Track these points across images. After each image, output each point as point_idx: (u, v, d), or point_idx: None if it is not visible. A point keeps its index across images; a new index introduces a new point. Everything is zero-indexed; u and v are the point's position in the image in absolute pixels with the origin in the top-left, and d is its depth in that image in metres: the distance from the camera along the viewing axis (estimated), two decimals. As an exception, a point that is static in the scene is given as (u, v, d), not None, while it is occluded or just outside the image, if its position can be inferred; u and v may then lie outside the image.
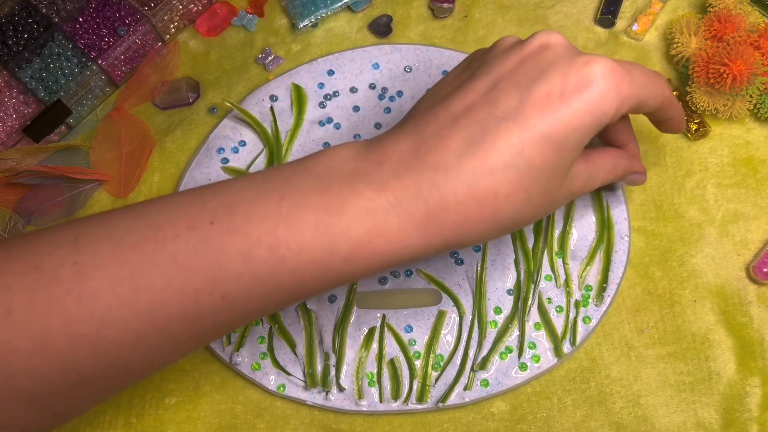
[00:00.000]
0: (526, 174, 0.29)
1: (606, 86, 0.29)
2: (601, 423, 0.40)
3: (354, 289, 0.43)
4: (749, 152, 0.44)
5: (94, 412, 0.42)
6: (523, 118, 0.29)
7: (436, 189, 0.29)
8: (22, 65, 0.48)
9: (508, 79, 0.30)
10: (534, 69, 0.30)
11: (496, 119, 0.29)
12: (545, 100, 0.29)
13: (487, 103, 0.30)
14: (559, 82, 0.29)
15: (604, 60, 0.29)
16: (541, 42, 0.31)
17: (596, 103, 0.29)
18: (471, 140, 0.29)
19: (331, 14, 0.49)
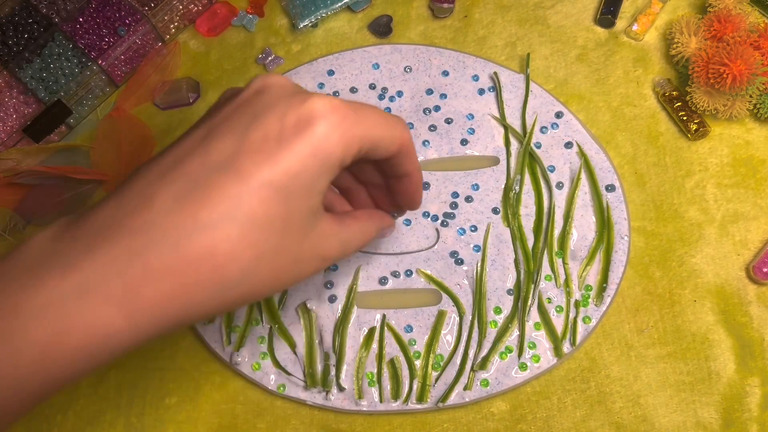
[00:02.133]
0: (249, 228, 0.25)
1: (328, 125, 0.26)
2: (601, 423, 0.40)
3: (354, 289, 0.43)
4: (749, 152, 0.44)
5: (95, 412, 0.42)
6: (239, 166, 0.25)
7: (137, 257, 0.24)
8: (22, 65, 0.48)
9: (221, 126, 0.27)
10: (250, 113, 0.27)
11: (209, 170, 0.25)
12: (262, 145, 0.26)
13: (200, 153, 0.26)
14: (276, 124, 0.26)
15: (324, 97, 0.27)
16: (257, 86, 0.28)
17: (319, 144, 0.26)
18: (179, 195, 0.25)
19: (331, 14, 0.49)
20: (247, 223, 0.25)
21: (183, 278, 0.25)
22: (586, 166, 0.44)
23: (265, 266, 0.27)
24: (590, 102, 0.46)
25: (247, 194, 0.25)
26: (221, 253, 0.25)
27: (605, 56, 0.47)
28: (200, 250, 0.25)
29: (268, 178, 0.25)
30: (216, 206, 0.25)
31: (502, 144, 0.45)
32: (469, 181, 0.44)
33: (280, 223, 0.26)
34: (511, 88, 0.46)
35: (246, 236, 0.25)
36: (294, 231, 0.27)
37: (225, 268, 0.25)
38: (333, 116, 0.26)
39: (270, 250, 0.26)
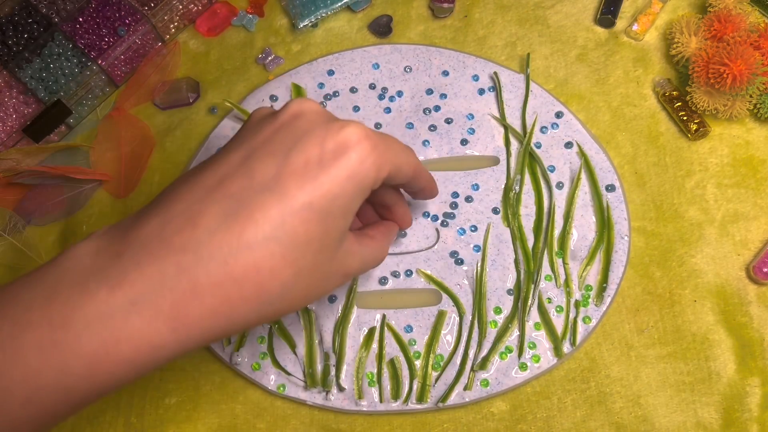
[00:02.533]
0: (290, 247, 0.27)
1: (363, 151, 0.28)
2: (601, 423, 0.40)
3: (354, 289, 0.43)
4: (749, 152, 0.44)
5: (95, 412, 0.42)
6: (282, 188, 0.27)
7: (185, 273, 0.25)
8: (22, 65, 0.48)
9: (262, 149, 0.28)
10: (289, 138, 0.28)
11: (253, 191, 0.27)
12: (304, 169, 0.27)
13: (242, 174, 0.27)
14: (316, 150, 0.28)
15: (358, 125, 0.29)
16: (294, 111, 0.30)
17: (355, 169, 0.28)
18: (225, 215, 0.26)
19: (331, 14, 0.49)
20: (289, 242, 0.27)
21: (228, 294, 0.26)
22: (586, 166, 0.44)
23: (302, 282, 0.28)
24: (590, 102, 0.46)
25: (289, 215, 0.26)
26: (265, 270, 0.26)
27: (605, 56, 0.47)
28: (246, 268, 0.26)
29: (309, 200, 0.27)
30: (260, 226, 0.26)
31: (502, 144, 0.45)
32: (469, 181, 0.44)
33: (318, 242, 0.28)
34: (511, 88, 0.46)
35: (287, 255, 0.27)
36: (328, 250, 0.29)
37: (267, 285, 0.27)
38: (367, 143, 0.28)
39: (307, 268, 0.28)
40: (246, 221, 0.26)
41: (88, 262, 0.26)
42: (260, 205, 0.26)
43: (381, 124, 0.46)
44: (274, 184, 0.27)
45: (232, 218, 0.26)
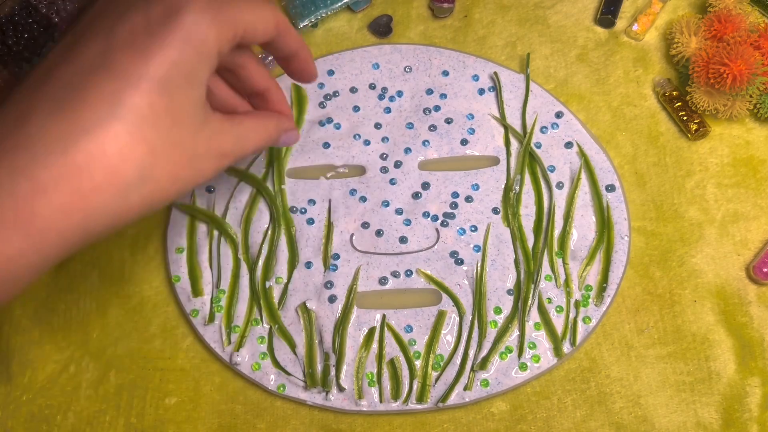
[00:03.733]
0: (135, 124, 0.25)
1: (195, 12, 0.26)
2: (601, 423, 0.40)
3: (354, 289, 0.43)
4: (749, 152, 0.44)
5: (95, 413, 0.42)
6: (111, 64, 0.25)
7: (22, 173, 0.24)
8: (22, 65, 0.48)
9: (87, 31, 0.26)
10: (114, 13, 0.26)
11: (81, 73, 0.25)
12: (131, 39, 0.25)
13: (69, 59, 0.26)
14: (141, 18, 0.26)
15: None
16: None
17: (189, 30, 0.26)
18: (56, 103, 0.24)
19: (331, 14, 0.49)
20: (132, 119, 0.25)
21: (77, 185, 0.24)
22: (586, 166, 0.44)
23: (162, 162, 0.26)
24: (590, 102, 0.46)
25: (125, 90, 0.25)
26: (112, 152, 0.24)
27: (605, 56, 0.47)
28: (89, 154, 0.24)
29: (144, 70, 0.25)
30: (96, 107, 0.24)
31: (502, 144, 0.45)
32: (469, 181, 0.44)
33: (167, 115, 0.26)
34: (511, 88, 0.46)
35: (134, 132, 0.25)
36: (184, 124, 0.27)
37: (120, 168, 0.25)
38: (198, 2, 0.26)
39: (163, 144, 0.26)
40: (79, 105, 0.24)
41: None
42: (91, 86, 0.25)
43: (381, 124, 0.46)
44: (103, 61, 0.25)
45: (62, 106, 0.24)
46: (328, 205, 0.44)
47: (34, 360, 0.43)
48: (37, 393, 0.43)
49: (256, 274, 0.43)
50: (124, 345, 0.43)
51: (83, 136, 0.24)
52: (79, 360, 0.43)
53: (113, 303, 0.44)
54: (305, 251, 0.43)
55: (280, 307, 0.43)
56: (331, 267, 0.43)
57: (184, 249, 0.44)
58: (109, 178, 0.25)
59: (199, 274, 0.44)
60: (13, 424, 0.42)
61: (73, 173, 0.24)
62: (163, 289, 0.44)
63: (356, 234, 0.44)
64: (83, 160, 0.24)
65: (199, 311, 0.43)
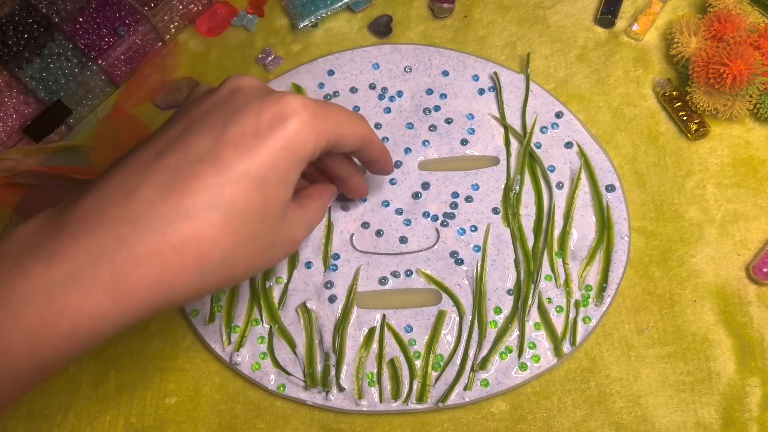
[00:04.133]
0: (229, 215, 0.27)
1: (300, 121, 0.29)
2: (601, 423, 0.40)
3: (354, 289, 0.43)
4: (749, 152, 0.44)
5: (95, 412, 0.42)
6: (219, 158, 0.27)
7: (123, 244, 0.26)
8: (22, 65, 0.48)
9: (200, 123, 0.29)
10: (226, 110, 0.29)
11: (189, 162, 0.27)
12: (240, 140, 0.28)
13: (179, 148, 0.28)
14: (253, 121, 0.28)
15: (296, 96, 0.29)
16: (232, 86, 0.30)
17: (291, 138, 0.28)
18: (162, 186, 0.27)
19: (331, 14, 0.49)
20: (228, 210, 0.27)
21: (169, 263, 0.26)
22: (586, 166, 0.44)
23: (244, 251, 0.28)
24: (590, 102, 0.46)
25: (227, 184, 0.27)
26: (205, 238, 0.27)
27: (605, 56, 0.47)
28: (185, 236, 0.26)
29: (246, 169, 0.27)
30: (198, 195, 0.27)
31: (502, 144, 0.45)
32: (469, 181, 0.44)
33: (258, 211, 0.28)
34: (511, 88, 0.46)
35: (227, 223, 0.27)
36: (271, 219, 0.29)
37: (208, 253, 0.27)
38: (304, 113, 0.29)
39: (249, 236, 0.28)
40: (183, 191, 0.26)
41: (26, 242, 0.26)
42: (197, 176, 0.27)
43: (381, 124, 0.46)
44: (211, 155, 0.27)
45: (169, 189, 0.27)
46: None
47: (34, 360, 0.43)
48: (37, 393, 0.43)
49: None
50: (124, 345, 0.43)
51: (183, 220, 0.26)
52: (79, 360, 0.43)
53: (113, 303, 0.44)
54: (305, 251, 0.43)
55: (280, 307, 0.43)
56: (331, 267, 0.43)
57: (184, 249, 0.44)
58: (197, 261, 0.27)
59: (199, 274, 0.43)
60: (13, 424, 0.42)
61: (167, 252, 0.26)
62: (163, 289, 0.44)
63: (356, 234, 0.44)
64: (179, 241, 0.26)
65: (199, 311, 0.43)
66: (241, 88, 0.30)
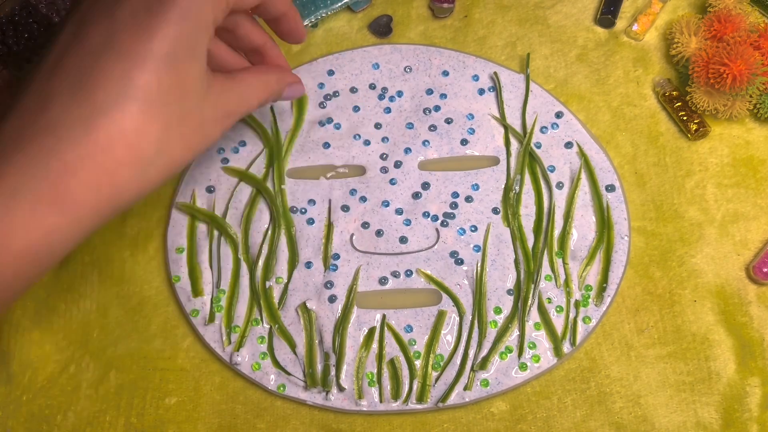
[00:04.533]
0: (146, 102, 0.26)
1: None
2: (601, 423, 0.40)
3: (354, 289, 0.43)
4: (749, 152, 0.44)
5: (95, 413, 0.42)
6: (117, 45, 0.26)
7: (51, 154, 0.26)
8: (22, 65, 0.48)
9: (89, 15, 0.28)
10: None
11: (90, 58, 0.27)
12: (132, 20, 0.27)
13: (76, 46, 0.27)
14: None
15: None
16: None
17: (187, 6, 0.27)
18: (71, 88, 0.26)
19: (331, 14, 0.49)
20: (143, 97, 0.26)
21: (103, 163, 0.26)
22: (586, 166, 0.44)
23: (175, 134, 0.28)
24: (590, 102, 0.46)
25: (133, 69, 0.26)
26: (129, 130, 0.26)
27: (605, 56, 0.47)
28: (109, 133, 0.26)
29: (148, 48, 0.27)
30: (108, 88, 0.26)
31: (502, 144, 0.45)
32: (469, 181, 0.44)
33: (175, 90, 0.27)
34: (511, 88, 0.46)
35: (147, 110, 0.26)
36: (191, 95, 0.28)
37: (139, 144, 0.27)
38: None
39: (175, 118, 0.28)
40: (93, 88, 0.26)
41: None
42: (101, 69, 0.26)
43: (381, 124, 0.46)
44: (108, 43, 0.27)
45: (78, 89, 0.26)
46: (328, 205, 0.44)
47: (34, 360, 0.43)
48: (37, 393, 0.43)
49: (256, 274, 0.43)
50: (124, 345, 0.43)
51: (101, 117, 0.26)
52: (79, 360, 0.43)
53: (113, 303, 0.44)
54: (305, 251, 0.43)
55: (280, 307, 0.43)
56: (331, 267, 0.43)
57: (184, 249, 0.44)
58: (130, 154, 0.26)
59: (199, 274, 0.44)
60: (13, 424, 0.42)
61: (97, 152, 0.26)
62: (163, 289, 0.44)
63: (356, 234, 0.44)
64: (104, 139, 0.26)
65: (200, 311, 0.43)
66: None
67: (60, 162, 0.25)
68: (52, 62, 0.28)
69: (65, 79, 0.27)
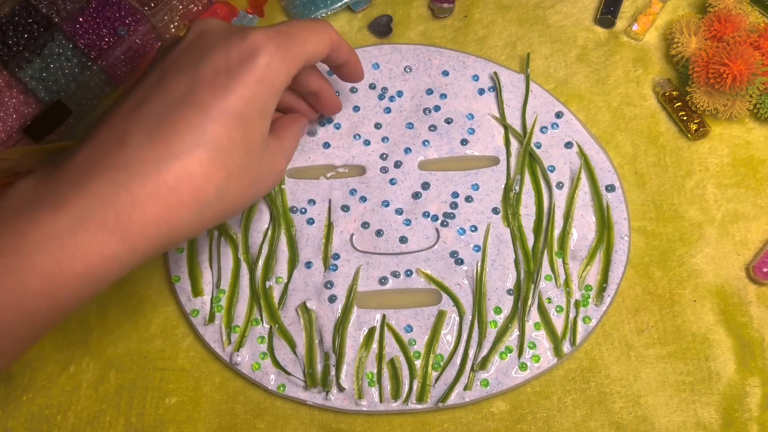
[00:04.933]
0: (216, 152, 0.29)
1: (268, 54, 0.30)
2: (601, 423, 0.40)
3: (354, 289, 0.43)
4: (749, 152, 0.44)
5: (95, 412, 0.42)
6: (197, 99, 0.29)
7: (122, 187, 0.28)
8: (22, 65, 0.48)
9: (173, 68, 0.31)
10: (196, 55, 0.31)
11: (171, 105, 0.29)
12: (213, 79, 0.29)
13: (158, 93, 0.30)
14: (222, 60, 0.30)
15: (259, 31, 0.31)
16: (198, 30, 0.32)
17: (263, 72, 0.30)
18: (148, 131, 0.29)
19: (331, 14, 0.49)
20: (214, 147, 0.29)
21: (167, 201, 0.28)
22: (586, 166, 0.44)
23: (235, 184, 0.30)
24: (590, 102, 0.46)
25: (209, 122, 0.29)
26: (197, 175, 0.29)
27: (605, 56, 0.47)
28: (178, 175, 0.28)
29: (225, 106, 0.29)
30: (183, 136, 0.28)
31: (502, 144, 0.45)
32: (469, 181, 0.44)
33: (242, 145, 0.30)
34: (511, 88, 0.46)
35: (215, 159, 0.29)
36: (254, 151, 0.31)
37: (202, 188, 0.29)
38: (270, 46, 0.30)
39: (237, 170, 0.30)
40: (169, 134, 0.28)
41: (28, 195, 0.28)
42: (180, 118, 0.29)
43: (381, 124, 0.46)
44: (189, 96, 0.29)
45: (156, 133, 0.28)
46: (328, 205, 0.44)
47: (34, 360, 0.43)
48: (37, 393, 0.43)
49: (256, 274, 0.43)
50: (124, 345, 0.43)
51: (174, 160, 0.28)
52: (79, 360, 0.43)
53: (113, 303, 0.44)
54: (305, 251, 0.43)
55: (280, 307, 0.43)
56: (331, 267, 0.43)
57: (184, 249, 0.44)
58: (193, 197, 0.29)
59: (199, 274, 0.44)
60: (13, 424, 0.42)
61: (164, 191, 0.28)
62: (163, 289, 0.44)
63: (356, 234, 0.44)
64: (173, 180, 0.28)
65: (200, 311, 0.43)
66: (206, 31, 0.32)
67: (129, 195, 0.27)
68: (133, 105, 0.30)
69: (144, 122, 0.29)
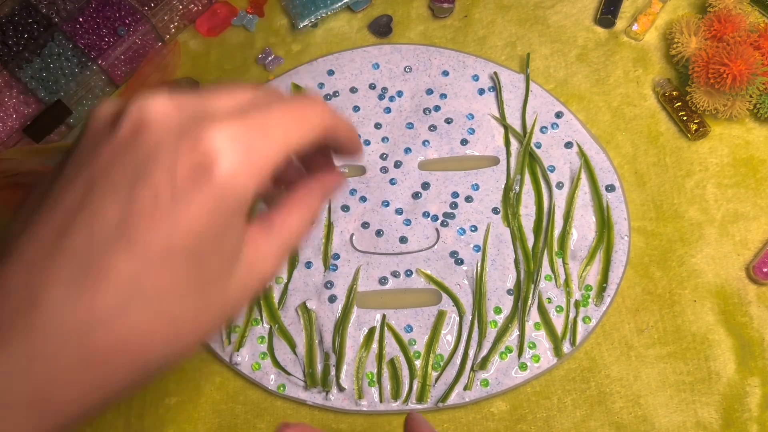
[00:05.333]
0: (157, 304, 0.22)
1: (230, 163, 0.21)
2: (601, 423, 0.40)
3: (354, 289, 0.43)
4: (749, 152, 0.44)
5: (95, 412, 0.42)
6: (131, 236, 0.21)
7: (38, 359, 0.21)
8: (22, 65, 0.48)
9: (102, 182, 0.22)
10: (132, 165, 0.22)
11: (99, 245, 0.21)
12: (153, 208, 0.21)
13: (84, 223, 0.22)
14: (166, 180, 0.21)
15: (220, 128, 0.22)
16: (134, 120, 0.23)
17: (223, 189, 0.21)
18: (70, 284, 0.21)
19: (331, 14, 0.49)
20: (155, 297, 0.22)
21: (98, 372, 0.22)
22: (586, 166, 0.44)
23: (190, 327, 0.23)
24: (590, 102, 0.46)
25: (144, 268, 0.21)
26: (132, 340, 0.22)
27: (605, 56, 0.47)
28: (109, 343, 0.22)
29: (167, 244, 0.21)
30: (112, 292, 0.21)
31: (502, 144, 0.45)
32: (469, 181, 0.44)
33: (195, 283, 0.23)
34: (511, 88, 0.46)
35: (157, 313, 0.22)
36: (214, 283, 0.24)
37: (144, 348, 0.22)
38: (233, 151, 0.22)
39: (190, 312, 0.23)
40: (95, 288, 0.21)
41: None
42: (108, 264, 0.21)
43: (381, 124, 0.46)
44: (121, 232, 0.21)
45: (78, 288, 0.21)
46: (328, 205, 0.44)
47: (34, 360, 0.43)
48: (37, 393, 0.43)
49: (256, 274, 0.43)
50: (124, 345, 0.43)
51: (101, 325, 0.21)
52: (79, 360, 0.43)
53: (113, 303, 0.44)
54: (305, 251, 0.43)
55: (280, 307, 0.43)
56: (331, 267, 0.43)
57: (184, 249, 0.44)
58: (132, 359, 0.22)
59: (199, 274, 0.43)
60: None
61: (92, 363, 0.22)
62: (163, 289, 0.44)
63: (356, 234, 0.44)
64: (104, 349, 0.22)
65: (199, 311, 0.43)
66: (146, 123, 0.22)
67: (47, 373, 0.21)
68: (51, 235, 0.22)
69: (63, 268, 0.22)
